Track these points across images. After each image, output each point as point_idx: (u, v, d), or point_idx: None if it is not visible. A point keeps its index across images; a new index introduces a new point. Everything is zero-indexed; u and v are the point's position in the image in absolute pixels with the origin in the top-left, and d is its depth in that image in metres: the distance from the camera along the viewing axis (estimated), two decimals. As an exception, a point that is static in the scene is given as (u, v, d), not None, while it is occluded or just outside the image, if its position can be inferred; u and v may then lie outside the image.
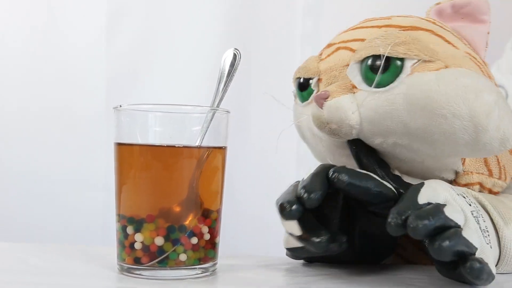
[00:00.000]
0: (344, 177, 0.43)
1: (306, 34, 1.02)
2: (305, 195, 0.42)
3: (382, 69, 0.45)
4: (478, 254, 0.39)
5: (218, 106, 0.47)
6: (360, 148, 0.48)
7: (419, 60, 0.45)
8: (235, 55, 0.49)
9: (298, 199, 0.43)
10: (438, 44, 0.47)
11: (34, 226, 1.03)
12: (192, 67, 1.03)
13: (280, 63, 1.00)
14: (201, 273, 0.44)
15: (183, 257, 0.43)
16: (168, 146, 0.44)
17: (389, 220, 0.40)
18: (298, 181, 0.46)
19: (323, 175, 0.44)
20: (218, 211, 0.46)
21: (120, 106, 0.44)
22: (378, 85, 0.45)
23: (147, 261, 0.43)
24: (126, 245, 0.44)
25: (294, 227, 0.45)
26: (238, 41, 1.01)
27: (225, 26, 1.03)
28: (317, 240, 0.44)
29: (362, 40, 0.48)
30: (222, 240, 0.46)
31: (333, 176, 0.43)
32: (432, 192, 0.42)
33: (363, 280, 0.45)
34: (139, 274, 0.43)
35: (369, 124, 0.46)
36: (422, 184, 0.43)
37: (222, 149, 0.46)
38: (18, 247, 0.55)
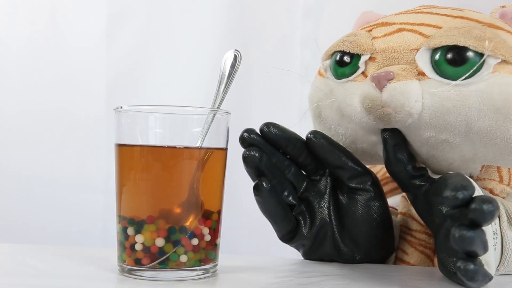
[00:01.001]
0: (321, 140, 0.48)
1: (306, 36, 1.02)
2: (265, 126, 0.48)
3: (458, 62, 0.43)
4: (483, 257, 0.39)
5: (218, 107, 0.47)
6: (393, 138, 0.46)
7: (502, 60, 0.43)
8: (235, 56, 0.48)
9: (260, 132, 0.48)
10: None
11: (34, 228, 1.03)
12: (192, 69, 1.03)
13: (280, 65, 1.00)
14: (202, 274, 0.44)
15: (183, 258, 0.43)
16: (168, 147, 0.44)
17: (446, 193, 0.39)
18: None
19: (300, 136, 0.50)
20: (219, 212, 0.46)
21: (121, 107, 0.44)
22: (450, 78, 0.43)
23: (148, 262, 0.43)
24: (126, 246, 0.43)
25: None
26: (238, 43, 1.01)
27: (225, 27, 1.03)
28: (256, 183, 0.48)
29: (435, 26, 0.46)
30: (223, 241, 0.46)
31: (308, 136, 0.49)
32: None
33: (364, 280, 0.45)
34: (140, 276, 0.43)
35: (430, 116, 0.44)
36: (457, 173, 0.42)
37: (222, 150, 0.46)
38: (17, 249, 0.55)
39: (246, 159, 0.48)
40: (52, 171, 1.05)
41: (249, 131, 0.48)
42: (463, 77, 0.43)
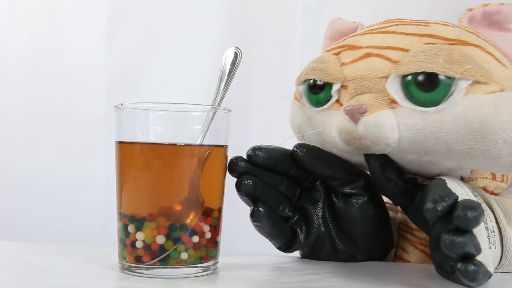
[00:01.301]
0: (307, 154, 0.48)
1: (306, 36, 1.02)
2: (252, 152, 0.48)
3: (429, 88, 0.42)
4: (478, 256, 0.39)
5: (219, 104, 0.47)
6: (377, 159, 0.46)
7: (473, 81, 0.42)
8: (236, 54, 0.48)
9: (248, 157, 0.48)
10: (490, 63, 0.44)
11: (34, 228, 1.03)
12: (192, 69, 1.03)
13: (280, 64, 1.00)
14: (203, 271, 0.44)
15: (184, 255, 0.43)
16: (169, 145, 0.44)
17: (427, 206, 0.38)
18: None
19: (286, 150, 0.49)
20: (219, 210, 0.46)
21: (121, 104, 0.44)
22: (422, 105, 0.42)
23: (148, 260, 0.43)
24: (127, 243, 0.43)
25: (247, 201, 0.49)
26: (238, 43, 1.00)
27: (225, 27, 1.03)
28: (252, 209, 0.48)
29: (402, 49, 0.45)
30: (223, 239, 0.46)
31: (295, 151, 0.48)
32: (453, 187, 0.41)
33: (364, 278, 0.45)
34: (140, 273, 0.43)
35: (409, 144, 0.43)
36: (443, 180, 0.42)
37: (223, 147, 0.46)
38: (17, 247, 0.55)
39: (240, 188, 0.48)
40: (52, 171, 1.05)
41: (237, 159, 0.48)
42: (436, 106, 0.42)
